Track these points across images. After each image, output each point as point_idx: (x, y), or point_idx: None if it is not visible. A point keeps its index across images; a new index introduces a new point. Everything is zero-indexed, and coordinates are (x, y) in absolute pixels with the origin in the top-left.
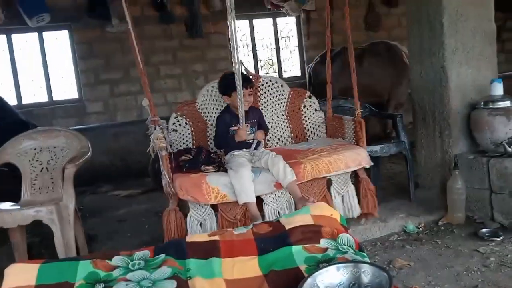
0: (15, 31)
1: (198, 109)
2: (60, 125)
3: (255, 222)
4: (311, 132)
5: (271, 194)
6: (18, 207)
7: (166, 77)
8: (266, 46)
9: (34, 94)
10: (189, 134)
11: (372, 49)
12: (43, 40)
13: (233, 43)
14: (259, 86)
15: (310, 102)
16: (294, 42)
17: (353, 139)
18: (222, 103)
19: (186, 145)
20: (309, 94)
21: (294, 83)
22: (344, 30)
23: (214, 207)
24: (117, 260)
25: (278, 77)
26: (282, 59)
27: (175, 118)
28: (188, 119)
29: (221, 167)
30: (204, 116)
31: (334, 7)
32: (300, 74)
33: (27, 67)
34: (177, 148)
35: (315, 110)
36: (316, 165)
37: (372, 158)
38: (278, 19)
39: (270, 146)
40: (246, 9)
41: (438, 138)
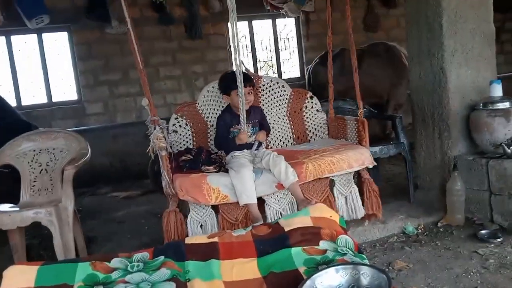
0: (15, 33)
1: (199, 110)
2: (59, 126)
3: (254, 224)
4: (313, 133)
5: (273, 195)
6: (17, 209)
7: (166, 78)
8: (265, 47)
9: (33, 96)
10: (189, 135)
11: (371, 50)
12: (43, 41)
13: (234, 44)
14: (260, 87)
15: (312, 102)
16: (294, 43)
17: (355, 140)
18: (222, 104)
19: (187, 146)
20: (310, 94)
21: (294, 84)
22: (343, 31)
23: (215, 208)
24: (116, 262)
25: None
26: (281, 60)
27: (175, 119)
28: (188, 120)
29: (221, 168)
30: (204, 117)
31: (333, 8)
32: (299, 75)
33: (27, 69)
34: (177, 149)
35: (317, 110)
36: (318, 165)
37: None
38: (278, 20)
39: (271, 147)
40: (246, 10)
41: (437, 139)
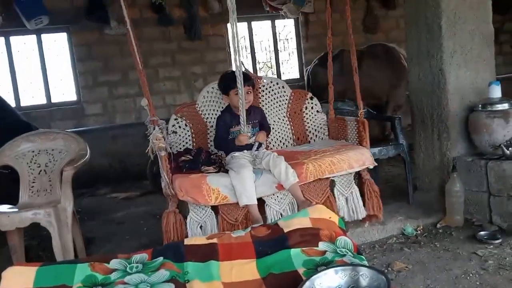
0: (14, 33)
1: (198, 110)
2: (58, 127)
3: (254, 225)
4: (313, 134)
5: (273, 195)
6: (16, 210)
7: (165, 79)
8: (264, 48)
9: (32, 96)
10: (189, 136)
11: (370, 51)
12: (42, 42)
13: (234, 45)
14: (260, 87)
15: (312, 103)
16: (293, 45)
17: (356, 140)
18: (222, 105)
19: (186, 147)
20: (310, 95)
21: (293, 85)
22: (342, 32)
23: (215, 209)
24: (115, 263)
25: None
26: (280, 61)
27: (175, 119)
28: (188, 121)
29: (221, 168)
30: (204, 117)
31: (332, 9)
32: (298, 76)
33: (26, 69)
34: (177, 150)
35: (317, 111)
36: (318, 165)
37: None
38: (277, 22)
39: (271, 148)
40: (245, 11)
41: (436, 140)
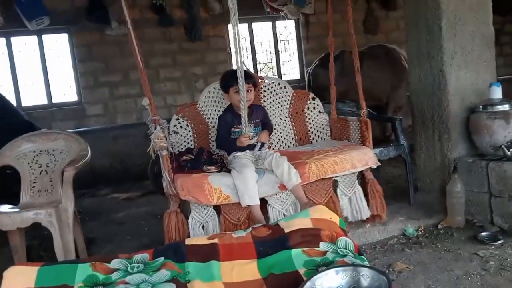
0: (15, 34)
1: (200, 110)
2: (59, 127)
3: (254, 226)
4: (315, 134)
5: (275, 195)
6: (17, 210)
7: (166, 80)
8: (265, 49)
9: (33, 97)
10: (190, 136)
11: (371, 52)
12: (43, 43)
13: (235, 45)
14: (262, 88)
15: (314, 104)
16: (293, 46)
17: (358, 141)
18: (223, 105)
19: (187, 147)
20: (312, 96)
21: (294, 86)
22: (342, 33)
23: (217, 209)
24: (116, 263)
25: None
26: (281, 62)
27: (176, 120)
28: (189, 121)
29: (223, 168)
30: (205, 118)
31: (333, 10)
32: (299, 77)
33: (27, 70)
34: (178, 150)
35: (319, 112)
36: (321, 165)
37: None
38: (277, 23)
39: (273, 149)
40: (245, 12)
41: (437, 141)
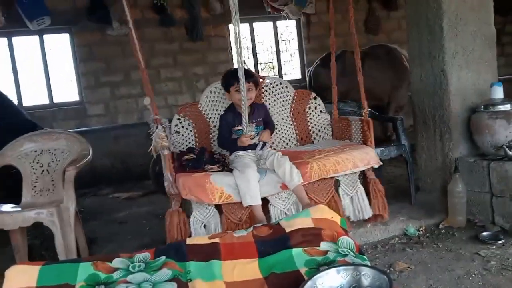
0: (16, 34)
1: (201, 110)
2: (60, 127)
3: (256, 225)
4: (317, 134)
5: (277, 194)
6: (19, 209)
7: (167, 80)
8: (266, 49)
9: (34, 97)
10: (192, 135)
11: (372, 52)
12: (44, 43)
13: (237, 45)
14: (264, 87)
15: (315, 103)
16: (294, 45)
17: (360, 140)
18: (225, 104)
19: (189, 146)
20: (314, 95)
21: (295, 86)
22: (343, 33)
23: (218, 208)
24: (117, 262)
25: None
26: (282, 62)
27: (178, 119)
28: (191, 121)
29: (225, 167)
30: (207, 117)
31: (335, 10)
32: (300, 77)
33: (28, 70)
34: (179, 150)
35: (321, 111)
36: (323, 165)
37: None
38: (278, 22)
39: (275, 149)
40: (246, 12)
41: (438, 141)
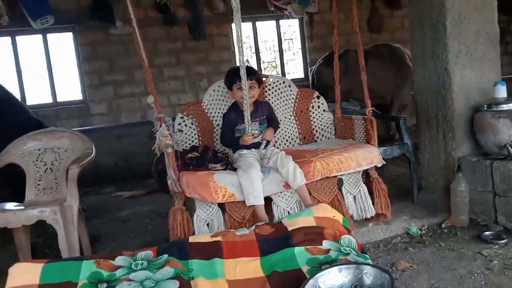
0: (20, 33)
1: (204, 109)
2: (64, 126)
3: (258, 223)
4: (320, 133)
5: (280, 193)
6: (22, 207)
7: (170, 79)
8: (269, 48)
9: (38, 96)
10: (195, 134)
11: (375, 51)
12: (47, 42)
13: (239, 44)
14: (267, 86)
15: (319, 102)
16: (297, 44)
17: (363, 139)
18: (228, 103)
19: (192, 145)
20: (317, 94)
21: (298, 85)
22: (346, 32)
23: (222, 206)
24: (120, 260)
25: None
26: (285, 61)
27: (181, 118)
28: (194, 119)
29: (228, 166)
30: (210, 116)
31: (337, 9)
32: (303, 76)
33: (32, 69)
34: (183, 148)
35: (324, 110)
36: (326, 163)
37: None
38: (281, 22)
39: (278, 148)
40: (249, 11)
41: (441, 140)
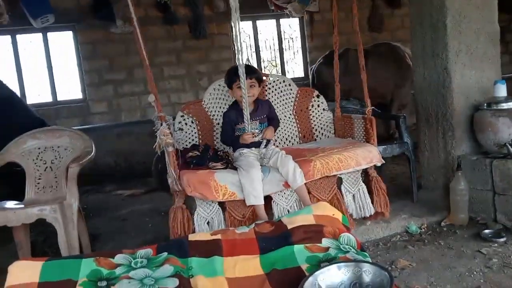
0: (20, 32)
1: (205, 107)
2: (64, 125)
3: (257, 222)
4: (319, 132)
5: (280, 192)
6: (22, 206)
7: (170, 78)
8: (269, 47)
9: (38, 94)
10: (195, 133)
11: (375, 50)
12: (48, 40)
13: (237, 43)
14: (267, 85)
15: (318, 101)
16: (298, 43)
17: (363, 138)
18: (228, 102)
19: (192, 144)
20: (317, 93)
21: (298, 84)
22: (347, 31)
23: (222, 205)
24: (119, 258)
25: None
26: (285, 60)
27: (181, 116)
28: (194, 118)
29: (229, 164)
30: (210, 115)
31: (338, 8)
32: (303, 75)
33: (32, 68)
34: (183, 147)
35: (323, 109)
36: (326, 163)
37: None
38: (282, 20)
39: (277, 146)
40: (250, 10)
41: (441, 139)
